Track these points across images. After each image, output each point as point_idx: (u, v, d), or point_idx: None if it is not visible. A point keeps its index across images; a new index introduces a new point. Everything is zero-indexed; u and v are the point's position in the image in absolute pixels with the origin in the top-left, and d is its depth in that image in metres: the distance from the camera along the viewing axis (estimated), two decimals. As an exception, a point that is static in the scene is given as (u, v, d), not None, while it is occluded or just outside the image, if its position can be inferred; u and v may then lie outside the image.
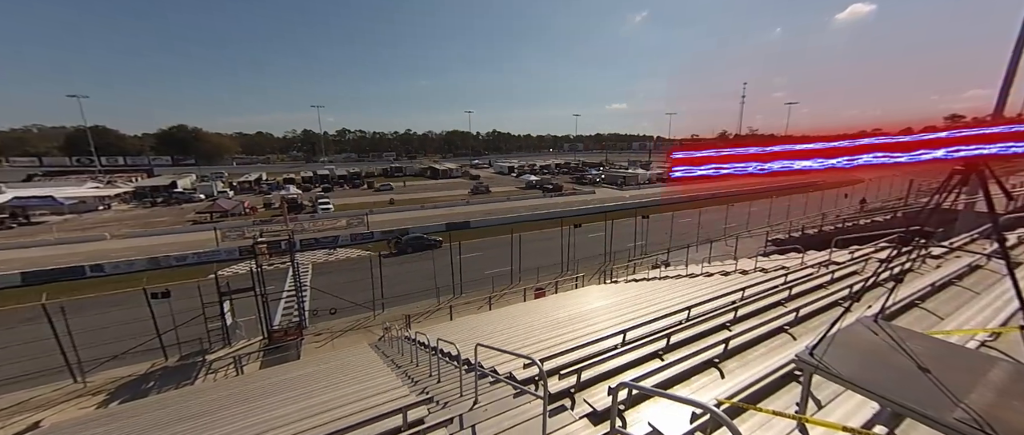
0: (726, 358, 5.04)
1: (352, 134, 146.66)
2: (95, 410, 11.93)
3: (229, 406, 7.98)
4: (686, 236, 29.08)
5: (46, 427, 10.23)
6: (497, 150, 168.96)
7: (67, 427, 9.37)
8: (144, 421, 8.22)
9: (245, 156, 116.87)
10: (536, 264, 23.69)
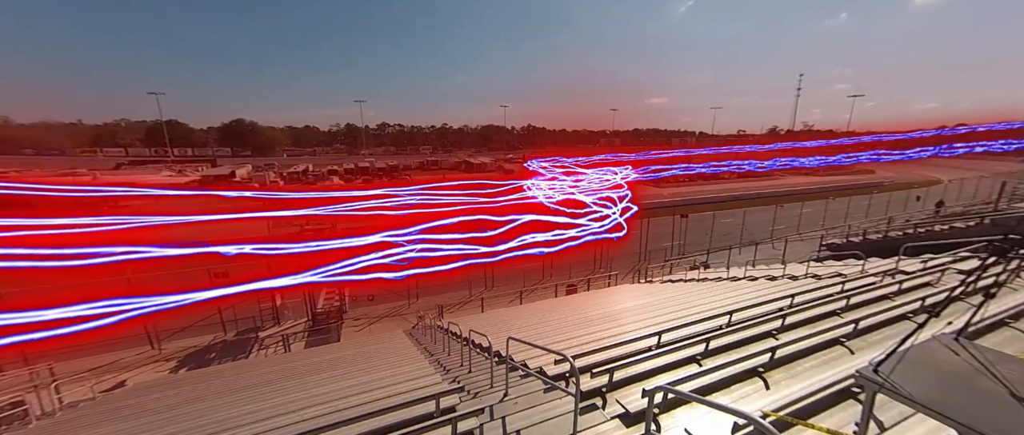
0: (772, 368, 4.73)
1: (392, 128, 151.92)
2: (167, 375, 13.33)
3: (277, 381, 8.60)
4: (728, 237, 27.54)
5: (130, 386, 11.56)
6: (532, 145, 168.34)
7: (145, 388, 10.55)
8: (205, 388, 9.06)
9: (294, 148, 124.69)
10: (569, 260, 23.45)
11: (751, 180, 66.14)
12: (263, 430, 5.06)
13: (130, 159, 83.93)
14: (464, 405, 4.96)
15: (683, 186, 59.80)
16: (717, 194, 51.08)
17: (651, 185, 59.39)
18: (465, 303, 19.03)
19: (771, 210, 32.80)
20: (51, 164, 73.04)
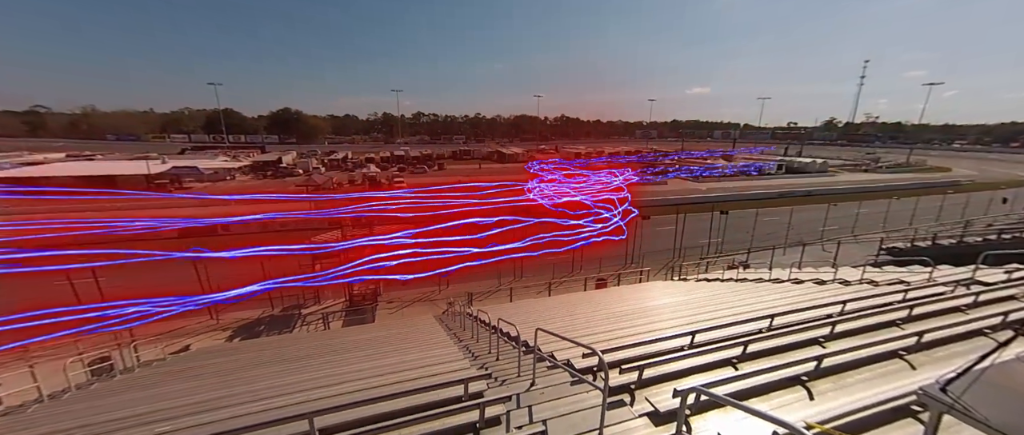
0: (817, 377, 4.43)
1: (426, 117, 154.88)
2: (224, 342, 14.63)
3: (317, 355, 9.19)
4: (772, 237, 25.92)
5: (193, 350, 12.81)
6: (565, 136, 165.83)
7: (205, 354, 11.65)
8: (256, 357, 9.86)
9: (335, 136, 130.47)
10: (598, 254, 23.08)
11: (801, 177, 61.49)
12: (308, 400, 5.43)
13: (192, 145, 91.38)
14: (491, 391, 5.06)
15: (724, 181, 56.69)
16: (763, 190, 48.02)
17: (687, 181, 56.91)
18: (493, 292, 19.29)
19: (822, 209, 30.41)
20: (128, 148, 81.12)
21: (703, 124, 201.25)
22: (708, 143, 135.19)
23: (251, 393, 6.34)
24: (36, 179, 41.61)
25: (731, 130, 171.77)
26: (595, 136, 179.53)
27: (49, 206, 34.01)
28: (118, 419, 5.78)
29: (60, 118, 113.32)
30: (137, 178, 43.75)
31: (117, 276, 19.21)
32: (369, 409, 4.49)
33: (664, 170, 65.42)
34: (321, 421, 4.18)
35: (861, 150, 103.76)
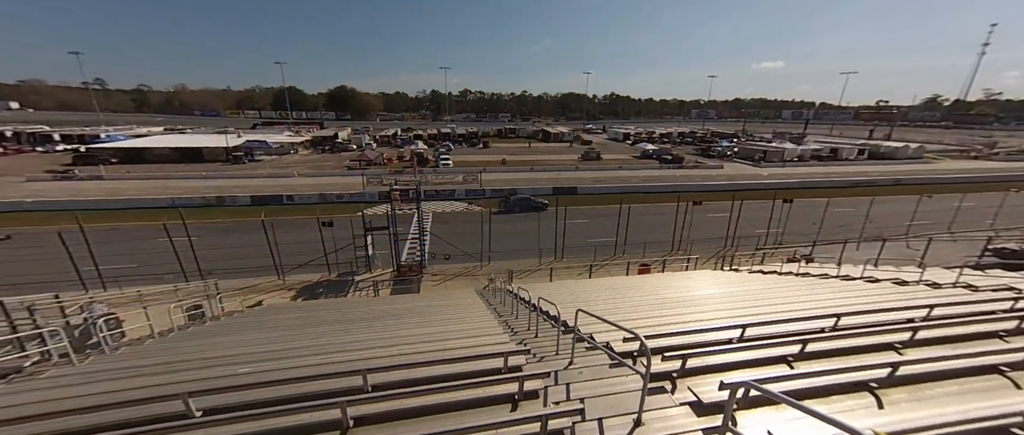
0: (890, 386, 4.02)
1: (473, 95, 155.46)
2: (289, 301, 16.30)
3: (369, 319, 9.94)
4: (844, 230, 23.37)
5: (265, 306, 14.42)
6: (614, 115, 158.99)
7: (275, 309, 13.09)
8: (317, 316, 10.89)
9: (386, 113, 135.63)
10: (644, 238, 22.30)
11: (888, 163, 54.20)
12: (361, 357, 5.93)
13: (262, 120, 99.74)
14: (530, 366, 5.18)
15: (791, 166, 51.49)
16: (838, 177, 43.06)
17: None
18: (534, 271, 19.48)
19: (911, 201, 26.71)
20: (211, 123, 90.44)
21: (770, 103, 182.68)
22: (774, 125, 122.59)
23: (313, 347, 7.04)
24: (143, 150, 47.98)
25: (804, 110, 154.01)
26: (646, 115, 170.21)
27: (155, 171, 39.27)
28: (210, 357, 6.73)
29: (158, 96, 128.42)
30: (218, 150, 48.80)
31: (207, 235, 21.91)
32: (415, 372, 4.81)
33: (720, 153, 60.71)
34: (373, 378, 4.57)
35: (973, 133, 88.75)
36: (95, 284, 16.16)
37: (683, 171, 47.86)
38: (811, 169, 49.83)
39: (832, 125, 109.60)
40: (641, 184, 38.66)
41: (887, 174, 44.79)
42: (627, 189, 35.85)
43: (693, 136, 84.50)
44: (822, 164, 53.88)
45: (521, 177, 41.21)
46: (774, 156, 55.06)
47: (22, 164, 43.12)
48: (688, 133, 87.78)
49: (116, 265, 17.55)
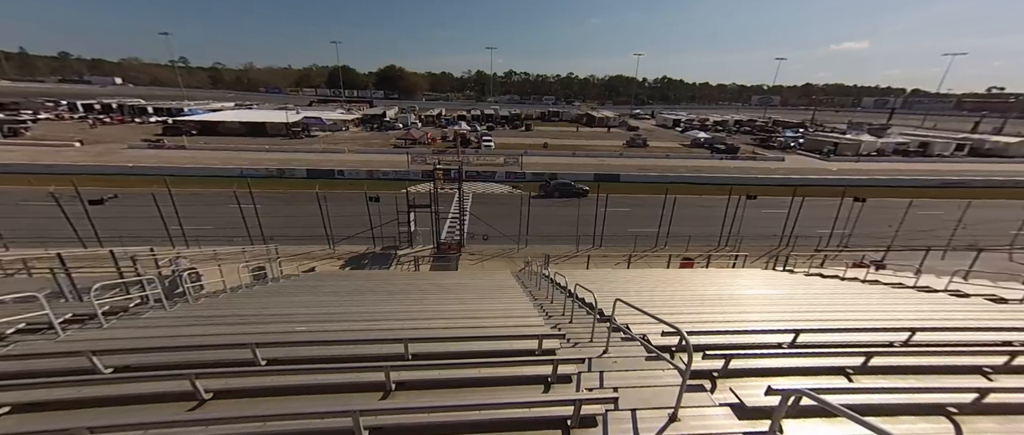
0: (975, 413, 3.59)
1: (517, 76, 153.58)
2: (338, 269, 17.53)
3: (409, 292, 10.46)
4: (928, 236, 20.76)
5: (317, 272, 15.64)
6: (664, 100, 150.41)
7: (327, 276, 14.16)
8: (364, 285, 11.63)
9: (432, 93, 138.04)
10: (688, 231, 21.26)
11: (995, 162, 46.97)
12: (402, 327, 6.29)
13: (318, 98, 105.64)
14: (564, 351, 5.22)
15: (867, 161, 46.18)
16: (927, 175, 38.02)
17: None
18: (571, 257, 19.34)
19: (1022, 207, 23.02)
20: (274, 99, 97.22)
21: (848, 89, 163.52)
22: (851, 113, 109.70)
23: (359, 313, 7.56)
24: (217, 123, 52.87)
25: (890, 97, 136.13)
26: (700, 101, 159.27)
27: (226, 143, 43.31)
28: (271, 314, 7.46)
29: (230, 73, 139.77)
30: (279, 125, 52.54)
31: (269, 204, 23.95)
32: (453, 345, 5.03)
33: (782, 144, 55.61)
34: (413, 347, 4.83)
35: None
36: (180, 241, 18.37)
37: (738, 162, 44.60)
38: (892, 165, 44.40)
39: (925, 115, 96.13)
40: (689, 174, 36.60)
41: (992, 173, 38.82)
42: (673, 179, 34.11)
43: (752, 125, 78.07)
44: (907, 160, 47.75)
45: (562, 162, 40.53)
46: (847, 149, 49.59)
47: (124, 133, 49.19)
48: (746, 121, 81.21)
49: (196, 226, 19.74)
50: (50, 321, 5.76)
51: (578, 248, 20.33)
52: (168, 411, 3.64)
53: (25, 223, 18.95)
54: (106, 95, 79.10)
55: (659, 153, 47.92)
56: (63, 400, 3.74)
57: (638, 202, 28.03)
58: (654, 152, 48.92)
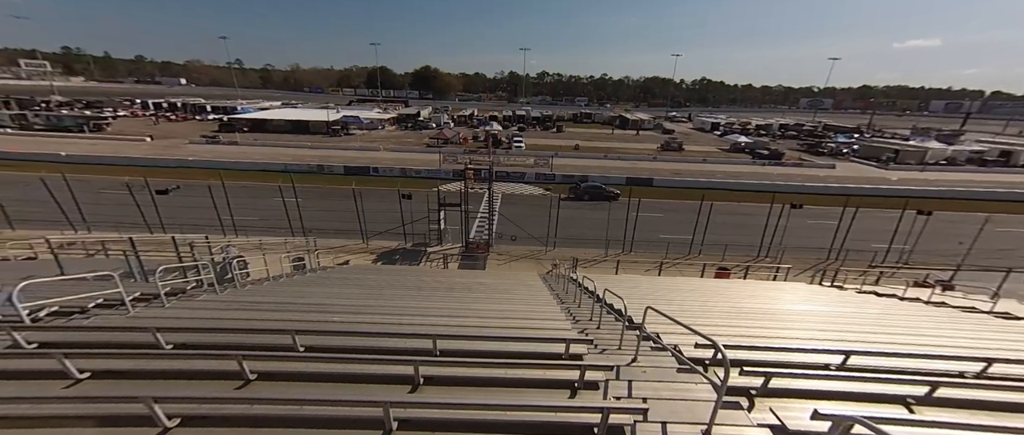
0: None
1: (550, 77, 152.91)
2: (371, 263, 18.19)
3: (438, 289, 10.67)
4: (1009, 255, 18.62)
5: (351, 265, 16.33)
6: (702, 102, 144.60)
7: (360, 269, 14.73)
8: (395, 280, 12.00)
9: (464, 93, 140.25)
10: (724, 240, 20.29)
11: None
12: (431, 323, 6.43)
13: (357, 97, 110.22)
14: (591, 357, 5.13)
15: (934, 171, 42.08)
16: (1005, 188, 34.14)
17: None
18: (599, 261, 19.00)
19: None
20: (316, 99, 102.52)
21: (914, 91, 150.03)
22: (918, 118, 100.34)
23: (390, 307, 7.80)
24: (265, 121, 56.48)
25: (964, 100, 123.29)
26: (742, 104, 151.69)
27: (273, 140, 46.20)
28: (309, 303, 7.86)
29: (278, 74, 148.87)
30: (320, 124, 55.31)
31: (309, 198, 25.28)
32: (480, 344, 5.07)
33: (834, 150, 51.78)
34: (442, 343, 4.92)
35: None
36: (230, 230, 19.77)
37: (782, 168, 42.04)
38: (965, 175, 40.21)
39: (1008, 120, 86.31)
40: (727, 180, 34.92)
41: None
42: (710, 184, 32.70)
43: (799, 129, 73.33)
44: (984, 170, 43.08)
45: (594, 164, 39.91)
46: (910, 157, 45.46)
47: (186, 129, 53.64)
48: (793, 125, 76.40)
49: (244, 216, 21.17)
50: (123, 299, 6.37)
51: (607, 252, 19.94)
52: (218, 388, 3.91)
53: (105, 209, 21.09)
54: (172, 94, 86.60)
55: (695, 157, 46.08)
56: (132, 370, 4.12)
57: (671, 207, 27.10)
58: (690, 156, 47.09)
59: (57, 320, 5.94)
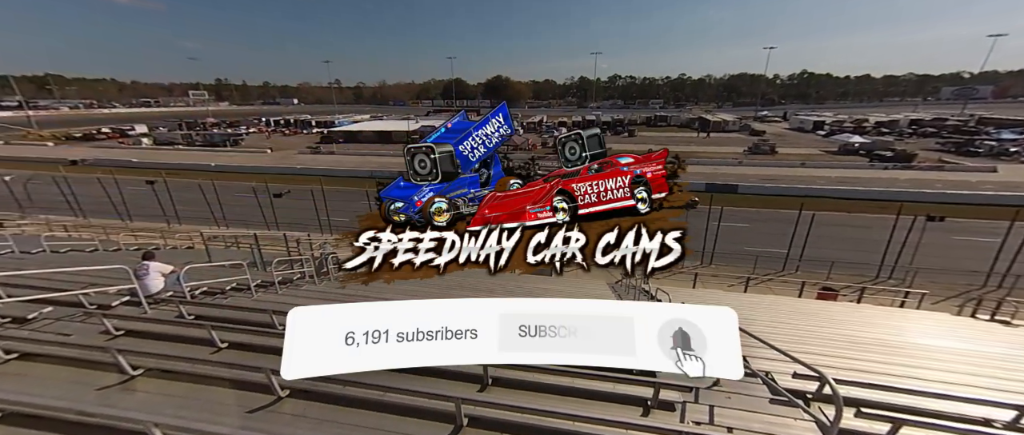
0: None
1: (622, 80, 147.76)
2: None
3: (508, 291, 10.87)
4: None
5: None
6: (802, 98, 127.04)
7: (432, 268, 15.67)
8: (461, 281, 12.52)
9: (534, 100, 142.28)
10: (830, 256, 17.46)
11: None
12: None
13: (433, 108, 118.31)
14: (666, 375, 4.78)
15: None
16: None
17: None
18: (674, 273, 17.67)
19: None
20: (399, 112, 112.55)
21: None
22: None
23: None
24: (357, 133, 63.65)
25: None
26: (856, 97, 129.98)
27: (362, 149, 51.90)
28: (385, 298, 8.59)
29: (369, 90, 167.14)
30: (402, 133, 60.48)
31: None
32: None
33: (994, 150, 41.37)
34: (510, 345, 5.00)
35: None
36: (326, 229, 22.57)
37: (913, 173, 34.89)
38: None
39: None
40: (833, 186, 30.06)
41: None
42: (811, 191, 28.45)
43: (940, 125, 60.14)
44: None
45: (668, 169, 37.35)
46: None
47: (295, 142, 62.82)
48: (930, 120, 62.97)
49: (339, 218, 23.99)
50: (249, 284, 7.66)
51: (683, 264, 18.45)
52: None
53: (238, 209, 25.61)
54: (287, 112, 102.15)
55: (791, 161, 40.55)
56: (256, 344, 4.92)
57: (761, 217, 24.19)
58: (785, 159, 41.59)
59: (206, 298, 7.35)
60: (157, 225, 22.93)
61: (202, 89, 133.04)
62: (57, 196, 25.63)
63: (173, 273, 6.80)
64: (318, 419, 3.57)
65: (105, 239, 16.39)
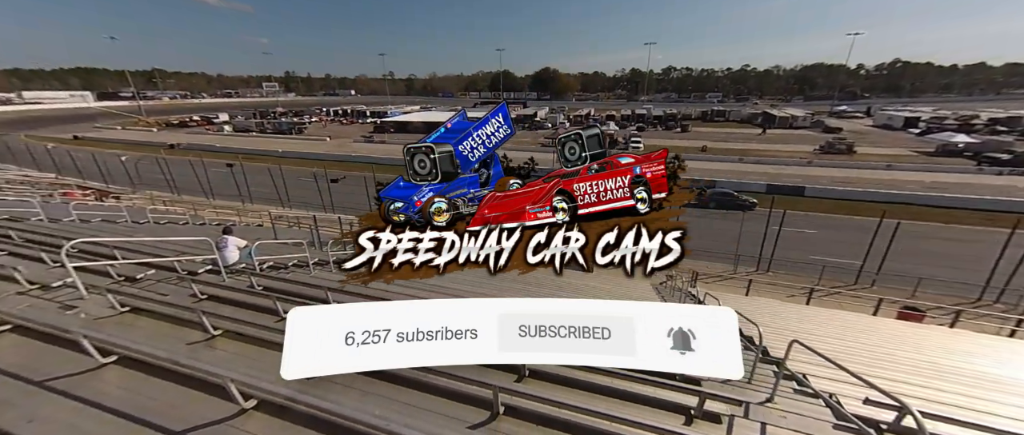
0: None
1: (677, 72, 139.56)
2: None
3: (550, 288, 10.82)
4: None
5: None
6: (893, 91, 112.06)
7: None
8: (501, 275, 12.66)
9: (582, 93, 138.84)
10: (916, 271, 15.40)
11: None
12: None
13: (481, 100, 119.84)
14: (712, 385, 4.51)
15: None
16: None
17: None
18: (725, 278, 16.61)
19: None
20: (447, 103, 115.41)
21: None
22: None
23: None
24: (406, 123, 66.33)
25: None
26: (963, 90, 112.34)
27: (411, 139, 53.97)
28: (430, 284, 8.92)
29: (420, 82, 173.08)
30: (450, 125, 62.09)
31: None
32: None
33: None
34: (548, 338, 4.99)
35: None
36: (377, 215, 23.87)
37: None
38: None
39: None
40: (925, 192, 26.33)
41: None
42: (896, 198, 25.17)
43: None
44: None
45: (724, 168, 34.90)
46: None
47: (351, 131, 66.83)
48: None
49: (388, 204, 25.26)
50: (307, 262, 8.32)
51: (735, 269, 17.27)
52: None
53: (300, 192, 27.87)
54: (344, 103, 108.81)
55: (873, 162, 36.09)
56: (311, 317, 5.35)
57: (831, 223, 21.89)
58: (866, 160, 37.11)
59: (272, 272, 8.11)
60: (234, 204, 25.60)
61: (273, 81, 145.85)
62: (159, 175, 29.53)
63: (246, 247, 7.57)
64: (363, 391, 3.81)
65: (194, 214, 18.66)
